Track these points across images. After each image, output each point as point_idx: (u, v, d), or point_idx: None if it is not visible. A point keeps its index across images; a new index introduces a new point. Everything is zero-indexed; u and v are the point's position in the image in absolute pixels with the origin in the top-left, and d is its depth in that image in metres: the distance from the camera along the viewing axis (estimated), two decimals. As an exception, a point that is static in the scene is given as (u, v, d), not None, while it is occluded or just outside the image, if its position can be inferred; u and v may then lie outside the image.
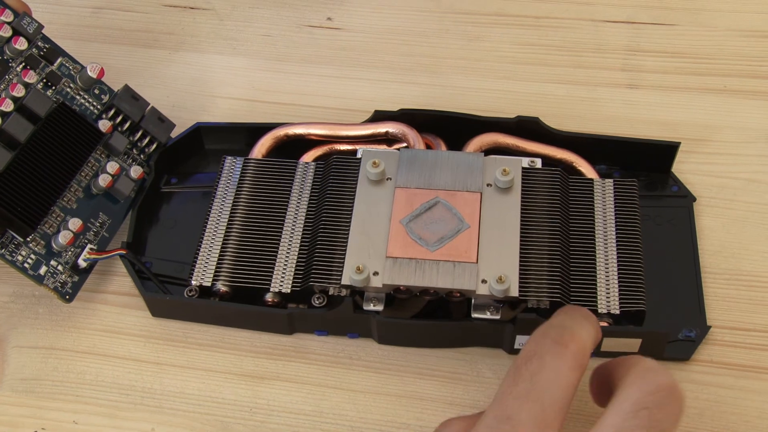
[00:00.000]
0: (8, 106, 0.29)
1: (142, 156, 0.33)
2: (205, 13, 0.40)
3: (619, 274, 0.28)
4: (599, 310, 0.27)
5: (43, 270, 0.29)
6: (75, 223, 0.30)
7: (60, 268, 0.30)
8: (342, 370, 0.29)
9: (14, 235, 0.29)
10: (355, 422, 0.28)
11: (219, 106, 0.36)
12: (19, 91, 0.29)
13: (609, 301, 0.27)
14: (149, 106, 0.33)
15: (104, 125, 0.31)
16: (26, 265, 0.29)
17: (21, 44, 0.30)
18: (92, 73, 0.31)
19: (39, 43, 0.31)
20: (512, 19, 0.39)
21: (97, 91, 0.32)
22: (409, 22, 0.39)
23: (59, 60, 0.32)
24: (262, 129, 0.32)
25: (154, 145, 0.33)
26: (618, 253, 0.28)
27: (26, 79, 0.30)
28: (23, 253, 0.29)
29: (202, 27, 0.39)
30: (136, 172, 0.32)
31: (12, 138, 0.28)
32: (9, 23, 0.30)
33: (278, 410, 0.28)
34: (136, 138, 0.32)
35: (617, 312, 0.27)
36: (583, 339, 0.22)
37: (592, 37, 0.38)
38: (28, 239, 0.29)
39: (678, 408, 0.21)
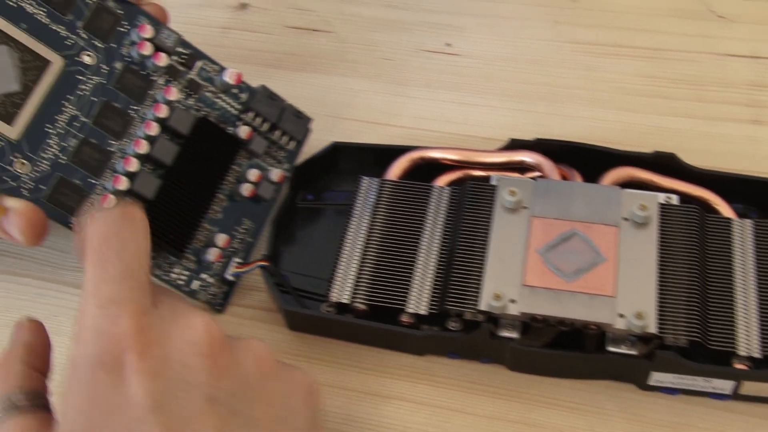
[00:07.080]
0: (154, 130, 0.29)
1: (281, 153, 0.33)
2: (327, 36, 0.41)
3: (760, 316, 0.28)
4: (740, 353, 0.27)
5: (195, 285, 0.30)
6: (221, 239, 0.30)
7: (210, 280, 0.30)
8: (467, 394, 0.29)
9: (167, 254, 0.29)
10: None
11: (339, 127, 0.37)
12: (162, 112, 0.29)
13: (749, 344, 0.27)
14: (286, 103, 0.33)
15: (243, 131, 0.31)
16: (180, 282, 0.30)
17: (162, 60, 0.30)
18: (230, 80, 0.31)
19: (178, 49, 0.31)
20: (631, 50, 0.39)
21: (235, 91, 0.32)
22: (527, 50, 0.39)
23: (198, 64, 0.31)
24: (395, 151, 0.33)
25: (293, 143, 0.33)
26: (759, 295, 0.28)
27: (168, 97, 0.30)
28: (176, 271, 0.30)
29: (323, 49, 0.40)
30: (276, 175, 0.32)
31: (159, 162, 0.29)
32: (150, 40, 0.30)
33: (400, 430, 0.28)
34: (275, 137, 0.32)
35: (759, 356, 0.27)
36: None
37: (713, 71, 0.38)
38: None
39: None
